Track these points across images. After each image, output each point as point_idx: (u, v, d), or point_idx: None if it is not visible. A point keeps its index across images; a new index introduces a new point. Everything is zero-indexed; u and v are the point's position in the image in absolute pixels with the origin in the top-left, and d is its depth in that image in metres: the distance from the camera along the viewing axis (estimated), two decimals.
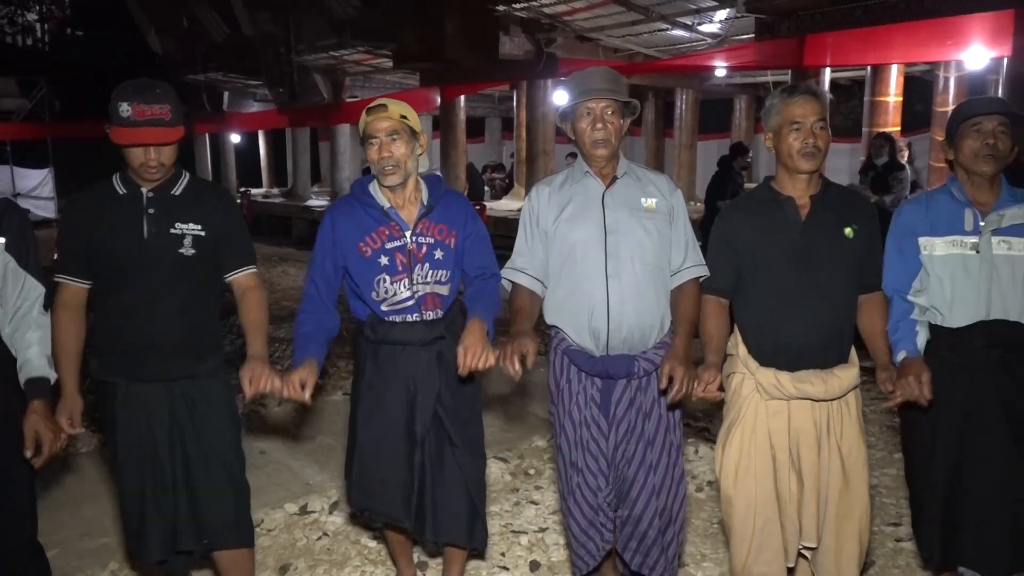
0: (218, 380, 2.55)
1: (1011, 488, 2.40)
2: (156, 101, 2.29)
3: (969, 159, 2.41)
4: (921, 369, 2.36)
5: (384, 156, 2.48)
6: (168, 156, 2.37)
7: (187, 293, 2.45)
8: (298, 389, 2.39)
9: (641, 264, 2.47)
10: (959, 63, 10.73)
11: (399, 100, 2.55)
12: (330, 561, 3.27)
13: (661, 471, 2.56)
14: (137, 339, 2.41)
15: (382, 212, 2.57)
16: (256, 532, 3.41)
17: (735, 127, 17.47)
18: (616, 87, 2.46)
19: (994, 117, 2.38)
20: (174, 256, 2.40)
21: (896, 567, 3.19)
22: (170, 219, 2.41)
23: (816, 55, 9.06)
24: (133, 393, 2.45)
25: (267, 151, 22.06)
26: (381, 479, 2.61)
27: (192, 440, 2.48)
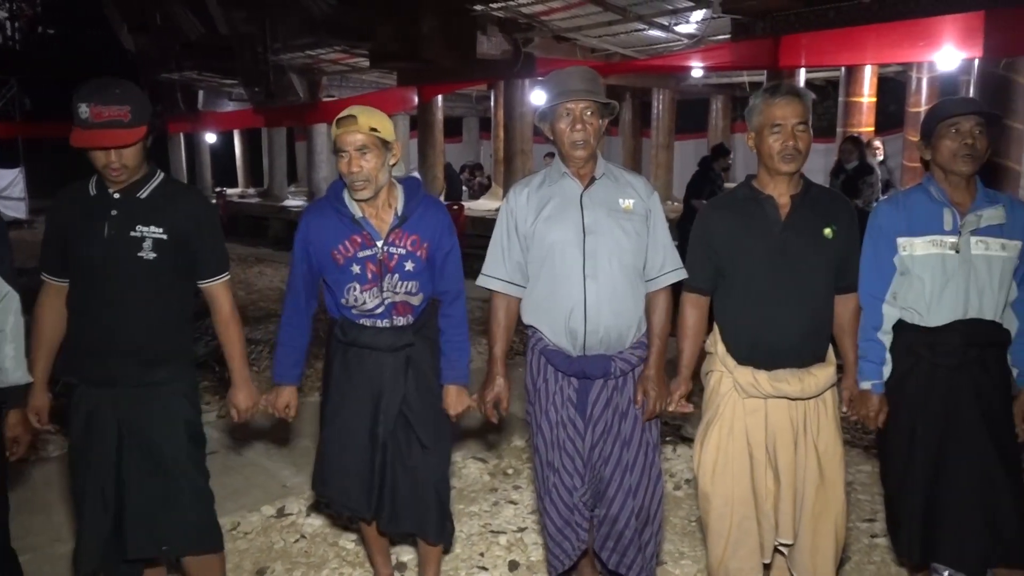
0: (175, 386, 2.47)
1: (987, 484, 2.43)
2: (115, 102, 2.22)
3: (947, 159, 2.43)
4: (881, 406, 2.54)
5: (354, 171, 2.45)
6: (131, 158, 2.30)
7: (147, 298, 2.39)
8: (283, 412, 2.72)
9: (619, 265, 2.48)
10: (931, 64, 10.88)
11: (371, 108, 2.51)
12: (308, 564, 3.25)
13: (638, 471, 2.57)
14: (92, 341, 2.39)
15: (354, 221, 2.55)
16: (232, 535, 3.39)
17: (712, 127, 17.58)
18: (595, 87, 2.47)
19: (971, 117, 2.40)
20: (133, 259, 2.35)
21: (871, 563, 3.22)
22: (131, 222, 2.36)
23: (791, 56, 9.14)
24: (84, 395, 2.42)
25: (243, 151, 21.88)
26: (343, 474, 2.64)
27: (142, 447, 2.41)
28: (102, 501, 2.42)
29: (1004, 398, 2.49)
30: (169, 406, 2.46)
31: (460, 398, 2.70)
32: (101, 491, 2.42)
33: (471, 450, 4.40)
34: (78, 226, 2.37)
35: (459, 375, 2.70)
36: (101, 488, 2.42)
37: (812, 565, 2.52)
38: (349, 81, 18.03)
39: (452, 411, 2.70)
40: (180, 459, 2.47)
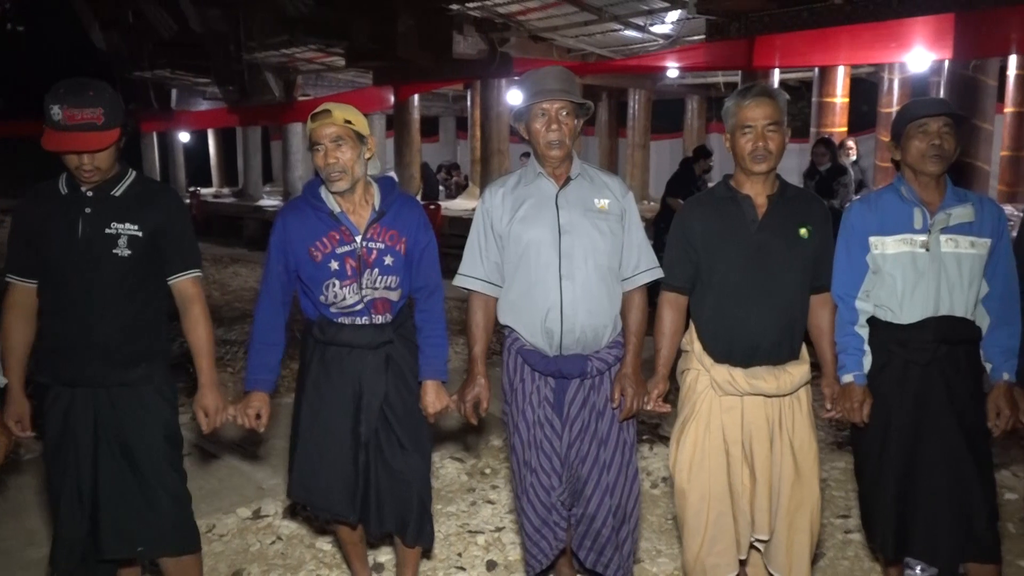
0: (151, 386, 2.46)
1: (958, 480, 2.47)
2: (88, 104, 2.20)
3: (916, 159, 2.47)
4: (865, 396, 2.52)
5: (330, 163, 2.45)
6: (104, 160, 2.30)
7: (122, 296, 2.38)
8: (253, 421, 2.59)
9: (595, 265, 2.49)
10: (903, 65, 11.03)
11: (345, 104, 2.52)
12: (284, 566, 3.23)
13: (615, 470, 2.58)
14: (67, 340, 2.36)
15: (332, 216, 2.54)
16: (207, 537, 3.36)
17: (687, 127, 17.69)
18: (570, 88, 2.47)
19: (939, 118, 2.44)
20: (108, 257, 2.34)
21: (845, 558, 3.25)
22: (106, 219, 2.34)
23: (765, 56, 9.22)
24: (58, 395, 2.39)
25: (217, 150, 21.67)
26: (325, 477, 2.60)
27: (118, 447, 2.40)
28: (79, 501, 2.39)
29: (975, 394, 2.52)
30: (146, 406, 2.44)
31: (439, 396, 2.66)
32: (78, 491, 2.39)
33: (449, 450, 4.39)
34: (49, 226, 2.34)
35: (437, 371, 2.68)
36: (78, 488, 2.39)
37: (787, 561, 2.55)
38: (325, 80, 17.93)
39: (430, 409, 2.66)
40: (156, 459, 2.45)
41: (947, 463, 2.47)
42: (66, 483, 2.40)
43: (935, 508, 2.48)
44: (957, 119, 2.47)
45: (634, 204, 2.62)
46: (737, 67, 10.10)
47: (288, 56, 15.34)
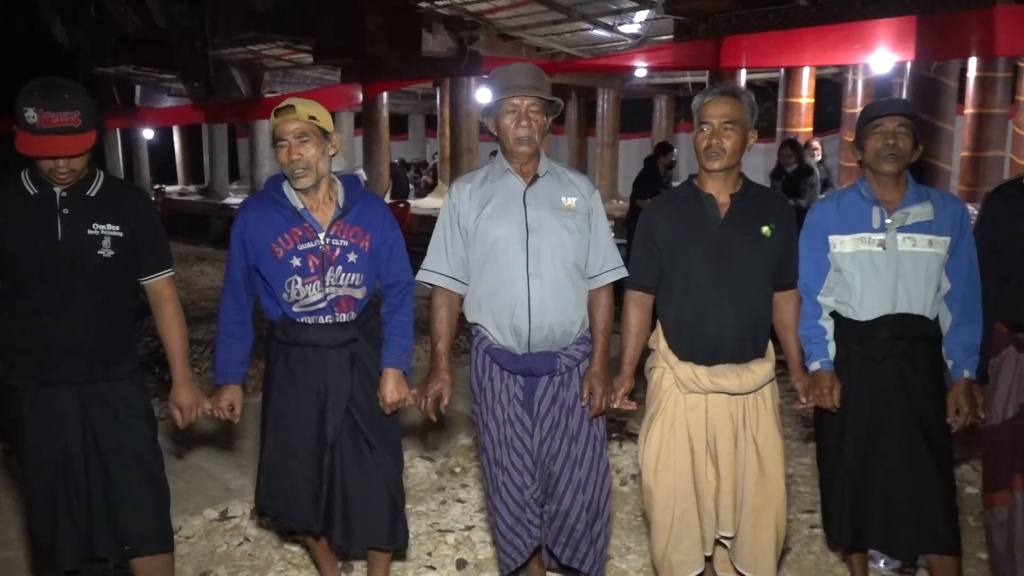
0: (134, 382, 2.48)
1: (914, 473, 2.51)
2: (64, 107, 2.17)
3: (872, 159, 2.51)
4: (834, 382, 2.55)
5: (294, 159, 2.42)
6: (79, 163, 2.28)
7: (103, 295, 2.37)
8: (227, 412, 2.60)
9: (562, 262, 2.49)
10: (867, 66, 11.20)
11: (309, 99, 2.49)
12: (252, 567, 3.20)
13: (587, 465, 2.59)
14: (49, 342, 2.32)
15: (295, 213, 2.51)
16: (174, 539, 3.31)
17: (656, 126, 17.80)
18: (540, 84, 2.47)
19: (895, 118, 2.47)
20: (92, 258, 2.32)
21: (811, 552, 3.30)
22: (87, 220, 2.32)
23: (732, 57, 9.32)
24: (43, 397, 2.35)
25: (182, 147, 21.40)
26: (290, 483, 2.57)
27: (109, 444, 2.40)
28: (76, 503, 2.38)
29: (933, 390, 2.56)
30: (131, 401, 2.46)
31: (397, 386, 2.60)
32: (74, 493, 2.38)
33: (418, 449, 4.38)
34: (19, 226, 2.29)
35: (399, 360, 2.63)
36: (73, 490, 2.38)
37: (753, 557, 2.57)
38: (292, 77, 17.78)
39: (388, 399, 2.59)
40: (144, 455, 2.47)
41: (903, 458, 2.52)
42: (56, 487, 2.37)
43: (891, 501, 2.52)
44: (914, 119, 2.51)
45: (600, 203, 2.62)
46: (705, 67, 10.18)
47: (255, 53, 15.20)
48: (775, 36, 8.88)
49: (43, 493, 2.38)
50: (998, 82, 9.15)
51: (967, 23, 7.52)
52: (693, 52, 9.77)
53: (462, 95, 12.95)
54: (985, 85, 8.95)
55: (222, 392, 2.61)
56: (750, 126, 2.50)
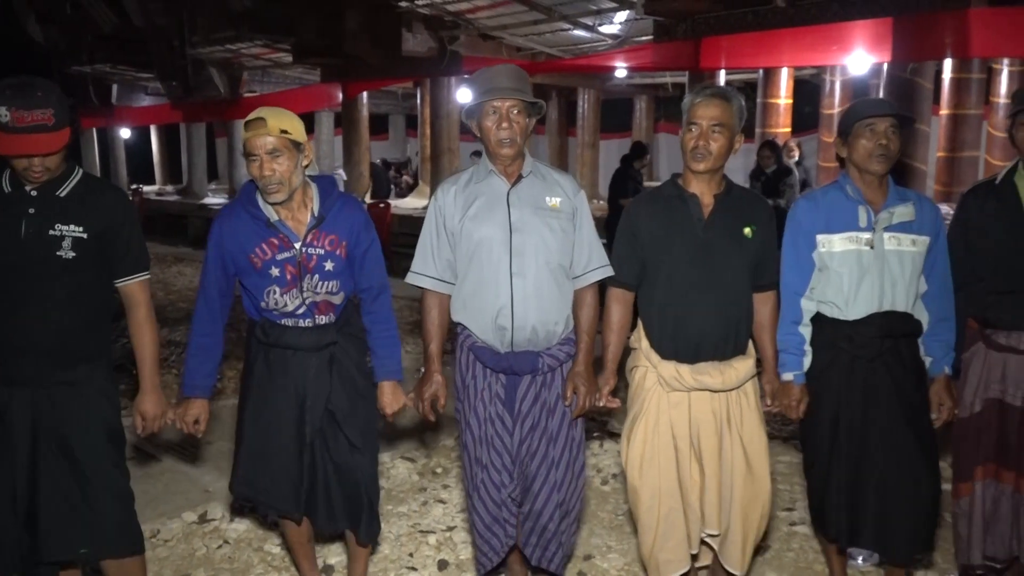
0: (93, 386, 2.41)
1: (908, 471, 2.55)
2: (37, 106, 2.16)
3: (862, 158, 2.52)
4: (802, 395, 2.61)
5: (266, 175, 2.39)
6: (54, 160, 2.26)
7: (64, 297, 2.33)
8: (192, 427, 2.58)
9: (545, 262, 2.50)
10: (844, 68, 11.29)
11: (279, 110, 2.45)
12: (232, 570, 3.17)
13: (563, 466, 2.60)
14: (7, 340, 2.30)
15: (269, 225, 2.50)
16: (152, 543, 3.29)
17: (636, 126, 17.87)
18: (522, 86, 2.47)
19: (887, 118, 2.49)
20: (51, 258, 2.29)
21: (790, 550, 3.32)
22: (50, 220, 2.30)
23: (711, 58, 9.36)
24: (15, 396, 2.32)
25: (160, 147, 21.18)
26: (269, 472, 2.58)
27: (56, 447, 2.35)
28: (12, 505, 2.33)
29: (919, 384, 2.61)
30: (88, 405, 2.39)
31: (396, 395, 2.66)
32: (12, 493, 2.33)
33: (400, 450, 4.37)
34: None
35: (392, 371, 2.67)
36: (12, 491, 2.33)
37: (741, 553, 2.59)
38: (271, 76, 17.65)
39: (388, 409, 2.65)
40: (98, 458, 2.41)
41: (896, 456, 2.55)
42: (3, 487, 2.33)
43: (886, 501, 2.55)
44: (903, 120, 2.53)
45: (586, 203, 2.62)
46: (684, 68, 10.23)
47: (233, 52, 15.06)
48: (754, 37, 8.93)
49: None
50: (973, 83, 9.27)
51: (942, 25, 7.60)
52: (673, 53, 9.81)
53: (443, 95, 12.91)
54: (960, 86, 9.06)
55: (188, 405, 2.58)
56: (738, 129, 2.52)
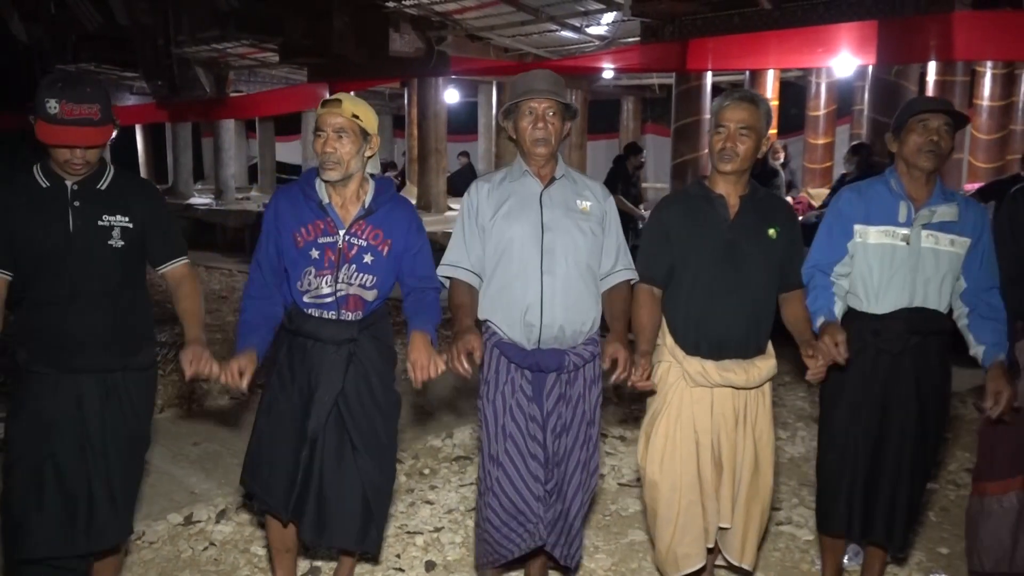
0: (150, 374, 2.58)
1: (913, 467, 2.59)
2: (86, 100, 2.26)
3: (912, 153, 2.54)
4: (836, 331, 2.45)
5: (327, 151, 2.45)
6: (94, 154, 2.36)
7: (116, 285, 2.45)
8: (236, 376, 2.43)
9: (575, 262, 2.54)
10: (829, 70, 11.36)
11: (358, 98, 2.53)
12: (217, 572, 3.16)
13: (590, 467, 2.66)
14: (66, 331, 2.39)
15: (320, 206, 2.53)
16: (136, 545, 3.28)
17: (623, 128, 17.90)
18: (558, 89, 2.54)
19: (940, 116, 2.51)
20: (103, 248, 2.40)
21: (776, 549, 3.34)
22: (97, 212, 2.40)
23: (698, 59, 9.39)
24: (66, 383, 2.40)
25: (145, 147, 21.04)
26: (270, 466, 2.58)
27: (117, 433, 2.46)
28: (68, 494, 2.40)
29: (940, 387, 2.62)
30: (146, 389, 2.57)
31: (427, 347, 2.44)
32: (88, 485, 2.41)
33: None
34: (31, 218, 2.35)
35: (426, 325, 2.52)
36: (88, 482, 2.41)
37: (741, 546, 2.67)
38: (258, 76, 17.58)
39: (418, 368, 2.41)
40: (142, 445, 2.57)
41: (906, 453, 2.58)
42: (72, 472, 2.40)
43: (897, 494, 2.59)
44: (957, 119, 2.54)
45: (615, 208, 2.69)
46: (671, 69, 10.25)
47: (219, 51, 15.00)
48: (740, 39, 8.97)
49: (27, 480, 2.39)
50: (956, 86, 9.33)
51: (926, 28, 7.66)
52: (660, 54, 9.83)
53: (430, 95, 12.90)
54: (944, 89, 9.12)
55: (237, 355, 2.48)
56: (764, 133, 2.57)
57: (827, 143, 12.04)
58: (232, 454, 4.26)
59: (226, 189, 16.17)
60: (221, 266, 11.81)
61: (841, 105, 12.33)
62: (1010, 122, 10.93)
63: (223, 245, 14.07)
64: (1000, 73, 10.63)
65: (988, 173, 10.26)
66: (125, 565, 3.07)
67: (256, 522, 3.47)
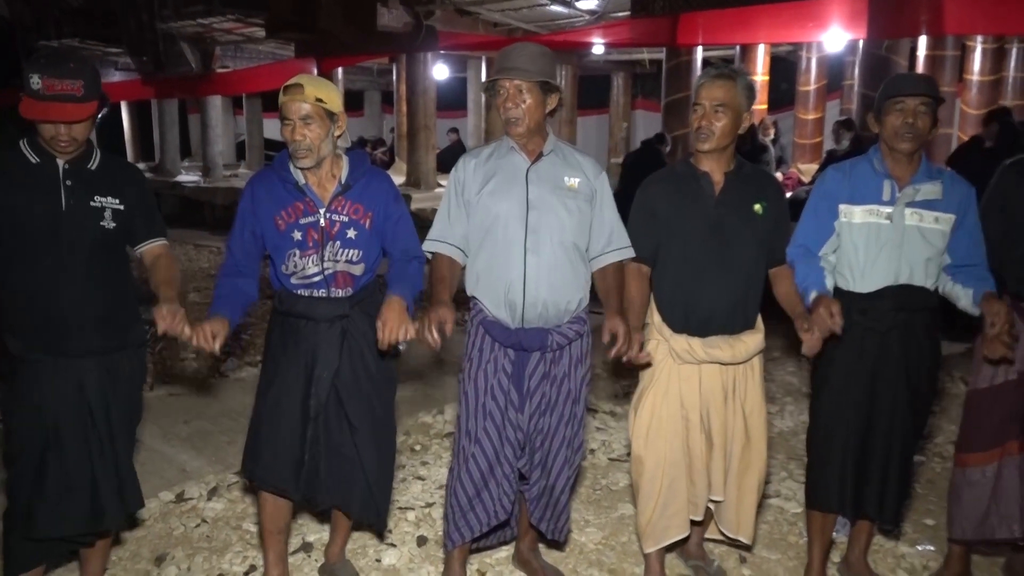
0: (141, 351, 2.60)
1: (902, 442, 2.62)
2: (68, 76, 2.24)
3: (890, 135, 2.54)
4: (830, 302, 2.45)
5: (296, 140, 2.43)
6: (81, 131, 2.33)
7: (106, 265, 2.44)
8: (208, 339, 2.41)
9: (560, 241, 2.51)
10: (820, 45, 11.32)
11: (318, 78, 2.50)
12: (210, 548, 3.17)
13: (575, 443, 2.67)
14: (58, 315, 2.36)
15: (297, 188, 2.52)
16: (134, 520, 3.27)
17: (613, 103, 17.82)
18: (531, 66, 2.47)
19: (916, 97, 2.50)
20: (96, 229, 2.39)
21: (764, 522, 3.37)
22: (89, 192, 2.39)
23: (688, 34, 9.34)
24: (65, 369, 2.40)
25: (131, 124, 20.80)
26: (272, 449, 2.56)
27: (120, 410, 2.50)
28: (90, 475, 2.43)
29: (928, 362, 2.63)
30: (140, 367, 2.61)
31: (400, 312, 2.39)
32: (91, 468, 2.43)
33: None
34: (21, 193, 2.32)
35: (403, 291, 2.47)
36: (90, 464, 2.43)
37: (736, 518, 2.71)
38: (244, 51, 17.39)
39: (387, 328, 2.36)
40: (134, 423, 2.59)
41: (895, 428, 2.61)
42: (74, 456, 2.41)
43: (888, 469, 2.62)
44: (936, 98, 2.52)
45: (607, 185, 2.64)
46: (661, 44, 10.20)
47: (205, 26, 14.80)
48: (731, 13, 8.92)
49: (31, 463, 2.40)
50: (947, 61, 9.34)
51: (917, 2, 7.63)
52: (650, 29, 9.77)
53: (419, 71, 12.79)
54: (934, 64, 9.12)
55: (209, 319, 2.45)
56: (745, 108, 2.55)
57: (817, 118, 12.03)
58: (223, 432, 4.26)
59: (214, 166, 16.03)
60: (210, 244, 11.76)
61: (831, 80, 12.31)
62: (999, 97, 10.95)
63: (211, 223, 14.00)
64: (990, 48, 10.63)
65: None
66: (117, 543, 3.08)
67: (248, 499, 3.48)
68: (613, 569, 3.03)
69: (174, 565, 3.03)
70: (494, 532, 2.78)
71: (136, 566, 3.03)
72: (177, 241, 11.27)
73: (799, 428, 4.41)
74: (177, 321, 2.37)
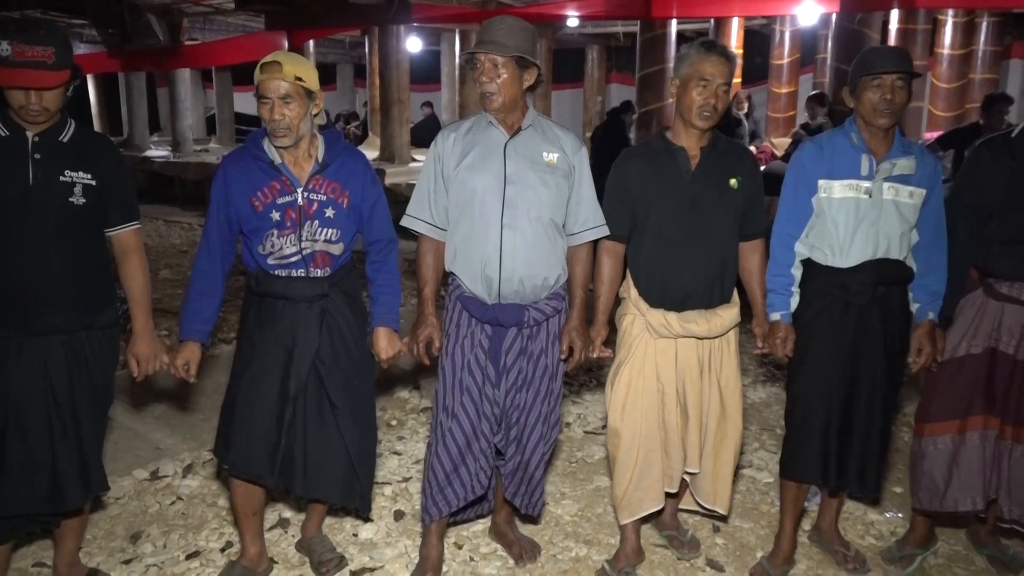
0: (112, 332, 2.54)
1: (882, 413, 2.66)
2: (38, 42, 2.19)
3: (868, 111, 2.54)
4: (788, 333, 2.64)
5: (275, 119, 2.38)
6: (52, 101, 2.27)
7: (76, 243, 2.38)
8: (183, 372, 2.57)
9: (537, 216, 2.50)
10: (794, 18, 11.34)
11: (296, 56, 2.45)
12: (185, 526, 3.16)
13: (550, 419, 2.68)
14: (26, 292, 2.31)
15: (273, 167, 2.48)
16: (103, 501, 3.25)
17: (588, 77, 17.76)
18: (507, 40, 2.45)
19: (894, 72, 2.50)
20: (63, 205, 2.33)
21: (737, 492, 3.42)
22: (59, 166, 2.33)
23: (663, 7, 9.31)
24: (30, 347, 2.35)
25: (98, 97, 20.38)
26: (247, 433, 2.53)
27: (85, 391, 2.45)
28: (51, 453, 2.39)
29: (904, 330, 2.69)
30: (110, 348, 2.53)
31: (391, 341, 2.62)
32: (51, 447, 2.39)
33: None
34: None
35: (390, 319, 2.63)
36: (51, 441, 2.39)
37: (713, 489, 2.76)
38: (213, 24, 17.08)
39: (383, 355, 2.61)
40: (105, 402, 2.55)
41: (875, 400, 2.65)
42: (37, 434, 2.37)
43: (868, 442, 2.66)
44: (911, 72, 2.53)
45: (586, 161, 2.62)
46: (635, 17, 10.16)
47: None
48: None
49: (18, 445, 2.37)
50: (918, 34, 9.39)
51: None
52: (624, 1, 9.73)
53: (391, 44, 12.63)
54: (906, 37, 9.16)
55: (181, 349, 2.57)
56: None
57: (791, 92, 12.08)
58: (197, 409, 4.23)
59: (183, 141, 15.78)
60: (180, 220, 11.61)
61: (805, 54, 12.35)
62: (970, 71, 11.05)
63: (182, 198, 13.81)
64: (961, 22, 10.70)
65: (948, 121, 10.39)
66: (92, 522, 3.07)
67: (223, 477, 3.46)
68: (589, 540, 3.07)
69: (150, 543, 3.02)
70: (471, 506, 2.79)
71: (111, 544, 3.02)
72: (147, 217, 11.10)
73: (771, 399, 4.47)
74: (153, 364, 2.55)
